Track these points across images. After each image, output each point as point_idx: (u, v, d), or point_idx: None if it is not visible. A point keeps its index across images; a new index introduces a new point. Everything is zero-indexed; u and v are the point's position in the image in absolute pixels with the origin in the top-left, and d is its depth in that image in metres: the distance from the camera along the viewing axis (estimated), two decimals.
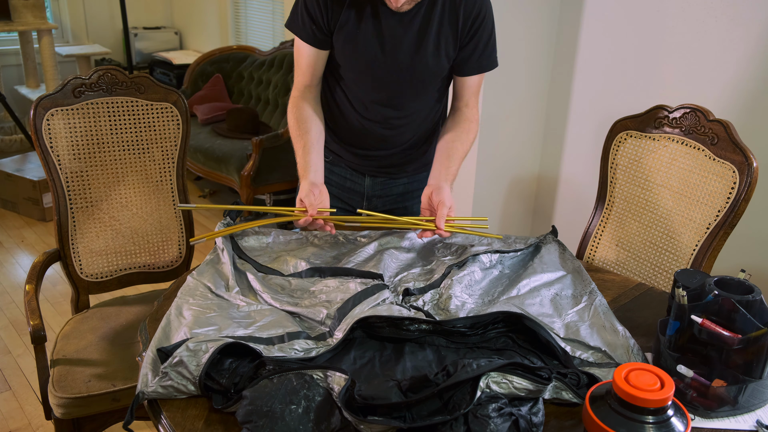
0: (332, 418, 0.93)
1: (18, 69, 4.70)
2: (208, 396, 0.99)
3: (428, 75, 1.54)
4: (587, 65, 2.57)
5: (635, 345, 1.17)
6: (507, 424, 0.91)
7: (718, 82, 2.16)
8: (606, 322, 1.23)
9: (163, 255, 1.90)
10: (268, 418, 0.91)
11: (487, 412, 0.91)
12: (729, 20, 2.09)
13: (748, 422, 1.02)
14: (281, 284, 1.33)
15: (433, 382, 0.93)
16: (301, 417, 0.92)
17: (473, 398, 0.91)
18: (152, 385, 0.98)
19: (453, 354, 1.13)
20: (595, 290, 1.34)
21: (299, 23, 1.50)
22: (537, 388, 0.97)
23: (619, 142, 1.73)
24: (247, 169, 3.49)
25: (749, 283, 1.09)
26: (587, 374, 1.04)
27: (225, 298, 1.24)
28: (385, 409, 0.91)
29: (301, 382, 0.96)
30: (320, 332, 1.16)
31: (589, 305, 1.28)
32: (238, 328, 1.13)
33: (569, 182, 2.78)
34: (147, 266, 1.90)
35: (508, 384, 0.96)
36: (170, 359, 0.99)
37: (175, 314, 1.16)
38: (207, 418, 0.97)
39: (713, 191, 1.54)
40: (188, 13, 5.22)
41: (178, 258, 1.92)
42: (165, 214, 1.88)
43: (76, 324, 1.77)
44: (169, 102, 1.82)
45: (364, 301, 1.20)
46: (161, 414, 0.99)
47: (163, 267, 1.91)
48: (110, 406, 1.57)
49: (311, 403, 0.94)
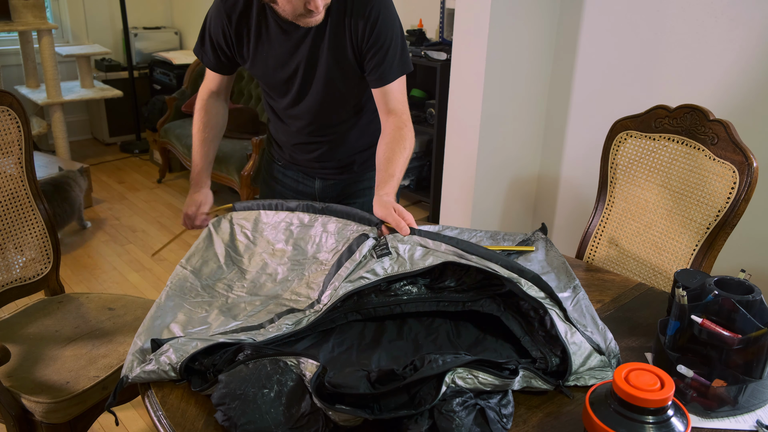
0: (302, 403, 0.96)
1: (18, 69, 4.70)
2: (186, 379, 1.04)
3: (336, 87, 1.52)
4: (587, 65, 2.57)
5: (612, 341, 1.14)
6: (471, 416, 0.93)
7: (718, 83, 2.16)
8: (587, 314, 1.22)
9: (32, 263, 1.84)
10: (241, 400, 0.95)
11: (452, 407, 0.93)
12: (729, 20, 2.09)
13: (748, 422, 1.02)
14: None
15: (400, 376, 0.95)
16: (273, 401, 0.96)
17: (438, 394, 0.93)
18: (136, 369, 1.04)
19: (430, 345, 1.15)
20: (578, 286, 1.33)
21: (200, 50, 1.62)
22: (503, 383, 0.99)
23: (619, 142, 1.73)
24: (247, 169, 3.48)
25: (749, 283, 1.09)
26: (558, 355, 1.05)
27: (214, 291, 1.28)
28: (353, 399, 0.94)
29: (275, 368, 1.00)
30: (308, 303, 1.20)
31: (572, 297, 1.27)
32: (229, 320, 1.17)
33: (569, 182, 2.78)
34: (18, 279, 1.82)
35: (473, 379, 0.98)
36: (159, 349, 1.05)
37: (168, 309, 1.20)
38: (207, 419, 0.98)
39: (713, 191, 1.54)
40: (188, 13, 5.22)
41: (47, 263, 1.88)
42: (26, 221, 1.82)
43: None
44: (5, 105, 1.75)
45: (348, 260, 1.21)
46: (161, 414, 0.99)
47: (34, 276, 1.85)
48: (102, 395, 1.58)
49: (283, 387, 0.98)
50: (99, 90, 4.57)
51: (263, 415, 0.94)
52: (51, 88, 4.19)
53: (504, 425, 0.95)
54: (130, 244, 3.53)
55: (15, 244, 1.81)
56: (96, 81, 4.77)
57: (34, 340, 1.70)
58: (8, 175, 1.79)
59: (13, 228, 1.80)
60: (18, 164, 1.80)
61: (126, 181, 4.44)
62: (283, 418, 0.94)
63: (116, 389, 1.04)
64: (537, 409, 1.03)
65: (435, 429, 0.91)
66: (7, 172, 1.79)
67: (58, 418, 1.53)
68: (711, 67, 2.17)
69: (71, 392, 1.52)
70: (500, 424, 0.95)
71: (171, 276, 1.30)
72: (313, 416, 0.94)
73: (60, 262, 1.92)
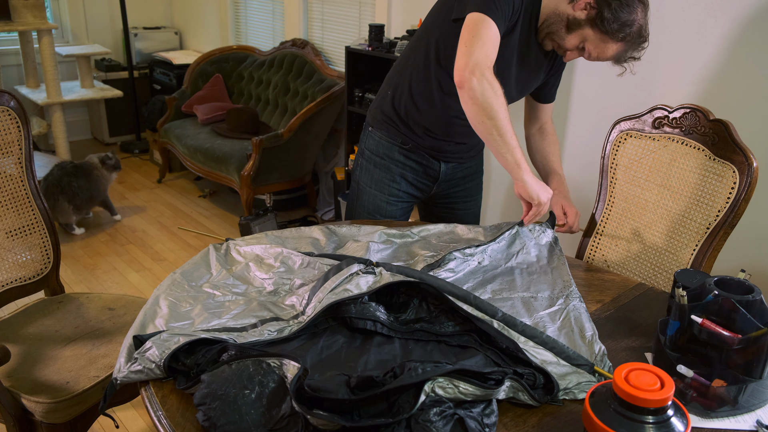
0: (283, 405, 0.96)
1: (18, 69, 4.70)
2: (173, 377, 1.04)
3: (524, 95, 1.79)
4: (587, 65, 2.57)
5: (601, 350, 1.16)
6: (449, 426, 0.92)
7: (718, 82, 2.16)
8: (575, 327, 1.24)
9: (32, 263, 1.84)
10: (221, 401, 0.95)
11: (429, 416, 0.92)
12: (729, 20, 2.09)
13: (748, 422, 1.02)
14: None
15: (379, 383, 0.94)
16: (254, 402, 0.96)
17: (416, 403, 0.92)
18: (124, 370, 1.04)
19: (420, 349, 1.14)
20: (573, 293, 1.35)
21: (502, 12, 1.50)
22: (485, 393, 0.98)
23: (619, 142, 1.73)
24: (247, 169, 3.48)
25: (749, 283, 1.09)
26: (543, 372, 1.05)
27: (200, 289, 1.30)
28: (331, 404, 0.93)
29: (257, 369, 1.00)
30: (293, 314, 1.21)
31: (562, 309, 1.30)
32: (213, 318, 1.18)
33: (569, 182, 2.76)
34: (18, 279, 1.81)
35: (454, 389, 0.97)
36: (142, 346, 1.06)
37: (152, 303, 1.22)
38: None
39: (713, 191, 1.54)
40: (188, 13, 5.22)
41: (47, 263, 1.88)
42: (26, 221, 1.82)
43: None
44: (4, 105, 1.75)
45: (335, 275, 1.24)
46: (161, 414, 0.99)
47: (34, 276, 1.85)
48: (101, 395, 1.56)
49: (265, 389, 0.98)
50: (99, 90, 4.57)
51: (243, 416, 0.94)
52: (51, 88, 4.19)
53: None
54: (130, 244, 3.53)
55: (15, 244, 1.81)
56: (96, 81, 4.77)
57: (34, 340, 1.70)
58: (8, 175, 1.79)
59: (13, 228, 1.80)
60: (18, 164, 1.80)
61: (126, 181, 4.44)
62: (263, 419, 0.94)
63: (106, 393, 1.04)
64: (537, 409, 1.03)
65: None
66: (7, 172, 1.79)
67: (58, 418, 1.53)
68: (711, 67, 2.17)
69: (71, 392, 1.52)
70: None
71: (163, 281, 1.32)
72: (292, 419, 0.94)
73: (60, 262, 1.92)
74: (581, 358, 1.12)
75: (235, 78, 4.38)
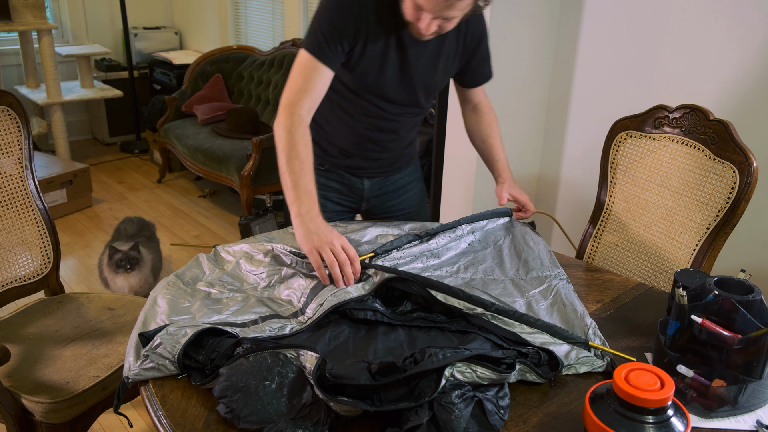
0: (304, 394, 0.97)
1: (18, 69, 4.70)
2: (186, 374, 1.05)
3: (434, 92, 1.67)
4: (587, 65, 2.57)
5: (592, 323, 1.23)
6: (470, 407, 0.96)
7: (718, 83, 2.16)
8: (566, 302, 1.30)
9: (32, 263, 1.84)
10: (243, 392, 0.96)
11: (451, 399, 0.96)
12: (729, 20, 2.09)
13: (748, 422, 1.02)
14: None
15: (401, 369, 0.98)
16: (275, 392, 0.97)
17: (438, 387, 0.95)
18: (135, 368, 1.04)
19: (424, 336, 1.18)
20: (560, 274, 1.42)
21: (326, 49, 1.45)
22: (500, 377, 1.02)
23: (619, 142, 1.73)
24: (247, 169, 3.48)
25: (749, 283, 1.09)
26: (546, 351, 1.10)
27: (196, 288, 1.31)
28: (353, 390, 0.96)
29: (275, 360, 1.01)
30: (292, 312, 1.23)
31: (551, 287, 1.36)
32: (212, 313, 1.20)
33: (569, 182, 2.78)
34: (18, 279, 1.82)
35: (472, 373, 1.01)
36: (151, 343, 1.06)
37: (151, 304, 1.23)
38: (207, 419, 0.98)
39: (713, 191, 1.54)
40: (188, 13, 5.22)
41: (47, 263, 1.88)
42: (26, 221, 1.82)
43: None
44: (4, 105, 1.75)
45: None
46: (161, 414, 0.99)
47: (34, 276, 1.85)
48: (102, 395, 1.58)
49: (284, 379, 0.99)
50: (99, 90, 4.57)
51: (266, 406, 0.96)
52: (51, 88, 4.19)
53: (501, 416, 0.98)
54: None
55: (15, 244, 1.81)
56: (96, 81, 4.77)
57: (34, 340, 1.70)
58: (8, 175, 1.79)
59: (13, 228, 1.81)
60: (18, 164, 1.80)
61: (126, 181, 4.44)
62: (286, 408, 0.96)
63: (119, 391, 1.04)
64: (537, 409, 1.03)
65: (435, 420, 0.93)
66: (7, 172, 1.79)
67: (58, 418, 1.53)
68: (711, 67, 2.17)
69: (71, 392, 1.53)
70: (498, 415, 0.97)
71: (158, 284, 1.32)
72: (315, 406, 0.96)
73: (60, 262, 1.92)
74: (577, 337, 1.17)
75: (235, 78, 4.38)
